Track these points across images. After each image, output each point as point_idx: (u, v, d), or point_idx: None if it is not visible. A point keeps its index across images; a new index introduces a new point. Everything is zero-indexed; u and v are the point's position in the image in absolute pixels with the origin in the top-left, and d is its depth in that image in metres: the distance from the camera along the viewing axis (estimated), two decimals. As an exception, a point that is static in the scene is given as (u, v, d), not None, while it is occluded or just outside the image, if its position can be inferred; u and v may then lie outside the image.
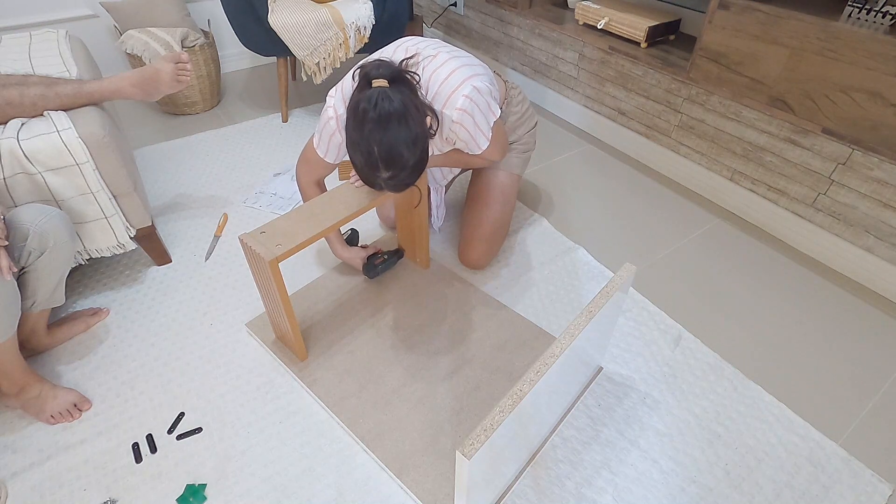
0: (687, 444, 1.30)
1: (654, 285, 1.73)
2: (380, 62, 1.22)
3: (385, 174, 1.18)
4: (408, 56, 1.34)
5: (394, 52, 1.39)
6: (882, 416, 1.38)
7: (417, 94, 1.25)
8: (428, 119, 1.24)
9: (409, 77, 1.25)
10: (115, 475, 1.22)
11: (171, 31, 2.40)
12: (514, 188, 1.76)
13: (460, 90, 1.30)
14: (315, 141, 1.45)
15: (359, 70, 1.24)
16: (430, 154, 1.45)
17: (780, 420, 1.35)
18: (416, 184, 1.34)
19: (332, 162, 1.47)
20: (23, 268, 1.22)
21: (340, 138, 1.39)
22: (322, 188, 1.57)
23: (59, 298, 1.35)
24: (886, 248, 1.66)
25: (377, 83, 1.17)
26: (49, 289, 1.30)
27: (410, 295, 1.66)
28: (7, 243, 1.11)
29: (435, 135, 1.31)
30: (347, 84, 1.34)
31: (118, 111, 1.97)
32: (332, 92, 1.37)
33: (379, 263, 1.65)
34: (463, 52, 1.40)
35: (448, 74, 1.31)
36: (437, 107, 1.32)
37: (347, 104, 1.22)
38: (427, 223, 1.63)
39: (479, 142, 1.40)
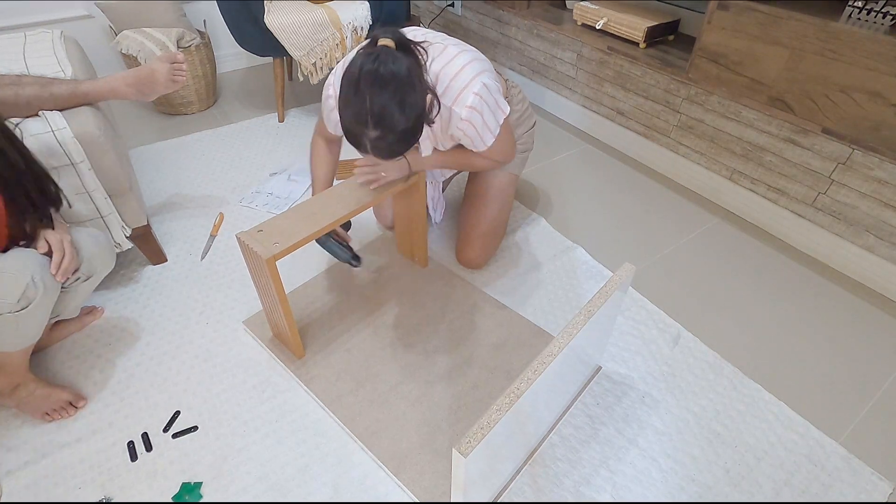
0: (686, 442, 1.29)
1: (652, 284, 1.73)
2: (390, 28, 1.17)
3: (373, 133, 1.12)
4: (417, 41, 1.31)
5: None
6: (882, 414, 1.37)
7: (422, 69, 1.21)
8: (429, 98, 1.20)
9: (416, 50, 1.20)
10: (111, 473, 1.21)
11: (166, 32, 2.39)
12: (512, 188, 1.75)
13: (470, 87, 1.28)
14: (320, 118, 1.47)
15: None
16: (428, 150, 1.45)
17: (780, 418, 1.34)
18: (406, 159, 1.34)
19: (334, 133, 1.49)
20: (63, 286, 1.26)
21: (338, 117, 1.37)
22: (335, 145, 1.58)
23: (76, 311, 1.38)
24: (886, 248, 1.66)
25: (383, 42, 1.13)
26: (77, 305, 1.34)
27: (408, 293, 1.65)
28: (79, 265, 1.24)
29: (434, 121, 1.27)
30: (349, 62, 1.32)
31: (114, 111, 1.97)
32: (335, 69, 1.35)
33: (335, 241, 1.48)
34: (468, 45, 1.38)
35: (459, 70, 1.29)
36: (446, 102, 1.30)
37: (349, 64, 1.16)
38: (426, 222, 1.63)
39: (484, 139, 1.38)
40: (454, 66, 1.29)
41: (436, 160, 1.48)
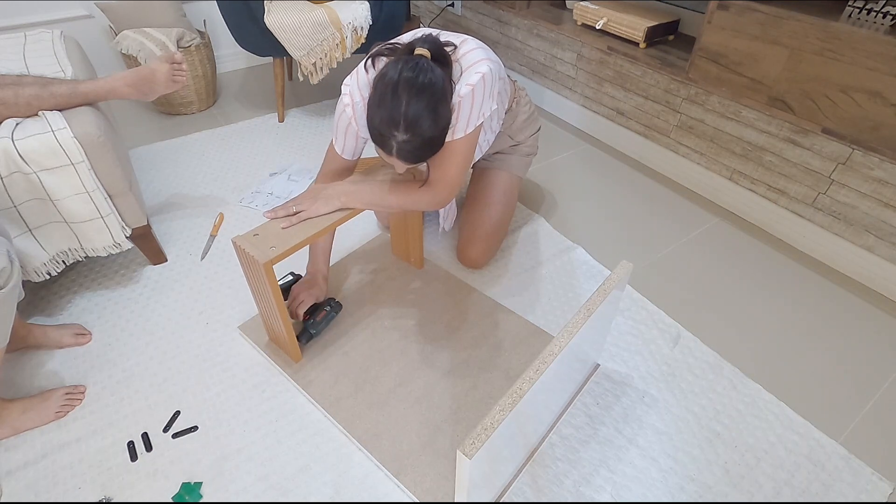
0: (686, 442, 1.29)
1: (653, 284, 1.73)
2: (426, 36, 1.19)
3: (402, 136, 1.14)
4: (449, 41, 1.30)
5: (412, 39, 1.35)
6: (882, 414, 1.37)
7: (452, 83, 1.22)
8: (453, 115, 1.23)
9: (448, 60, 1.22)
10: (111, 473, 1.21)
11: (166, 32, 2.39)
12: (515, 189, 1.75)
13: (477, 67, 1.26)
14: (333, 139, 1.41)
15: (386, 50, 1.23)
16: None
17: (780, 418, 1.34)
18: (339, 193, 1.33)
19: (349, 158, 1.43)
20: None
21: (356, 127, 1.35)
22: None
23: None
24: (887, 248, 1.66)
25: (420, 51, 1.15)
26: None
27: (405, 295, 1.65)
28: None
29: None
30: (362, 74, 1.30)
31: (114, 111, 1.97)
32: (346, 81, 1.33)
33: (321, 319, 1.49)
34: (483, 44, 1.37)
35: (469, 50, 1.28)
36: (454, 75, 1.27)
37: (382, 68, 1.18)
38: (421, 224, 1.62)
39: (463, 127, 1.29)
40: (465, 48, 1.29)
41: (372, 196, 1.37)
